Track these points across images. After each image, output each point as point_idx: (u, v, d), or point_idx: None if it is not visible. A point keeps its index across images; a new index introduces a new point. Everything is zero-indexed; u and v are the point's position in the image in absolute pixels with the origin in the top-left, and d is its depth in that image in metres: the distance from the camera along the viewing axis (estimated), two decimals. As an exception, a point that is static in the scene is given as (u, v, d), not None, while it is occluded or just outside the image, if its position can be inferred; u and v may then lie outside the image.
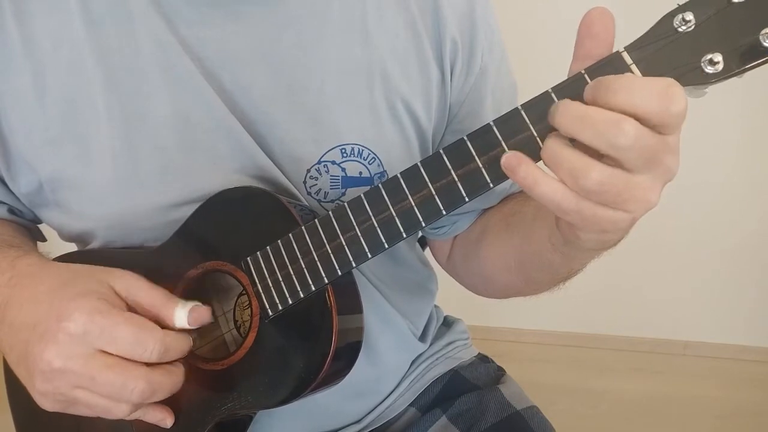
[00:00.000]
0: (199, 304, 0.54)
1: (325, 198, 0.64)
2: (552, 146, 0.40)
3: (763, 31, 0.39)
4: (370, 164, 0.63)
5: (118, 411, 0.51)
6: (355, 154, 0.63)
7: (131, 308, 0.53)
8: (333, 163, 0.62)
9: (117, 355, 0.50)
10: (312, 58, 0.61)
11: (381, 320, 0.72)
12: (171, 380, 0.52)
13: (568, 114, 0.40)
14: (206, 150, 0.60)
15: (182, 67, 0.58)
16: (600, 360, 2.01)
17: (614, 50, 0.42)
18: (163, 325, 0.53)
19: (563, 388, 1.85)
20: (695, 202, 1.76)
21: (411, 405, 0.78)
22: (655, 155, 0.39)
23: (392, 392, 0.77)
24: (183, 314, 0.53)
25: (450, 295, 0.93)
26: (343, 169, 0.63)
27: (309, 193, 0.63)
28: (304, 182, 0.63)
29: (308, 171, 0.62)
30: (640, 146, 0.38)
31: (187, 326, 0.53)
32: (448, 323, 0.88)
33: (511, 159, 0.42)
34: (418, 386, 0.79)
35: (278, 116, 0.61)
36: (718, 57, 0.40)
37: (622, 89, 0.38)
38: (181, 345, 0.53)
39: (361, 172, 0.63)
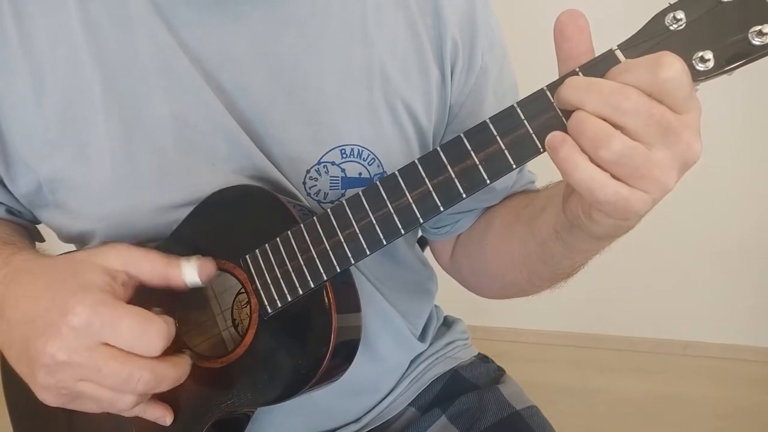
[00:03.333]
0: (200, 257, 0.54)
1: (324, 199, 0.64)
2: (579, 115, 0.41)
3: (752, 30, 0.39)
4: (369, 165, 0.63)
5: (122, 403, 0.51)
6: (355, 155, 0.63)
7: (131, 277, 0.53)
8: (332, 163, 0.62)
9: (120, 348, 0.49)
10: (311, 58, 0.61)
11: (380, 319, 0.72)
12: (176, 370, 0.51)
13: (575, 85, 0.42)
14: (204, 151, 0.60)
15: (181, 68, 0.58)
16: (600, 360, 2.01)
17: (608, 48, 0.43)
18: (171, 286, 0.53)
19: (563, 388, 1.85)
20: (695, 202, 1.76)
21: (410, 404, 0.79)
22: (670, 128, 0.40)
23: (391, 391, 0.77)
24: (192, 271, 0.53)
25: (450, 295, 0.93)
26: (343, 170, 0.63)
27: (309, 194, 0.63)
28: (304, 183, 0.63)
29: (308, 172, 0.62)
30: (646, 112, 0.40)
31: (198, 282, 0.53)
32: (448, 323, 0.88)
33: (557, 137, 0.42)
34: (418, 386, 0.79)
35: (277, 117, 0.61)
36: (708, 55, 0.41)
37: (623, 72, 0.41)
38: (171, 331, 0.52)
39: (360, 173, 0.63)
